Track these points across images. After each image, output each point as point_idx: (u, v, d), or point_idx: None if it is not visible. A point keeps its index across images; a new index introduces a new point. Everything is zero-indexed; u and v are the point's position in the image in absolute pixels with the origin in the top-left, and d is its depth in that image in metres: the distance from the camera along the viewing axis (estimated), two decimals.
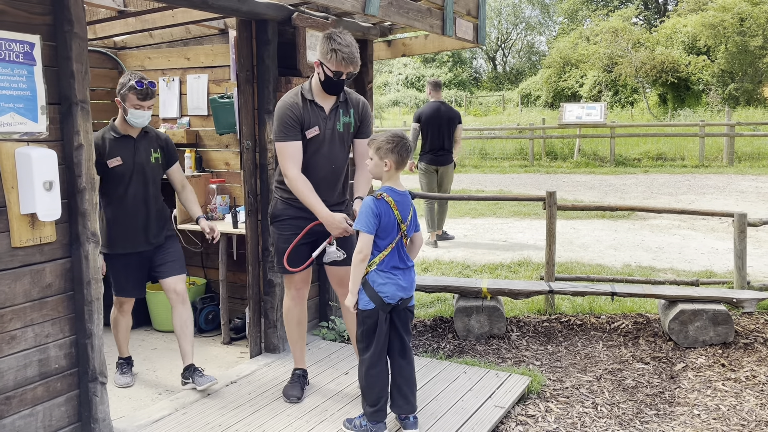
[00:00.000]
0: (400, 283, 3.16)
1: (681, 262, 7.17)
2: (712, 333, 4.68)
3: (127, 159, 3.77)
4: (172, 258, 3.95)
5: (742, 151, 16.84)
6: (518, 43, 47.83)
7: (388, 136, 3.10)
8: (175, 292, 3.90)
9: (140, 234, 3.85)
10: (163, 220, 3.99)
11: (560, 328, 5.11)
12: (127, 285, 3.94)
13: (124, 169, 3.77)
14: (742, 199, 11.16)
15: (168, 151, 3.98)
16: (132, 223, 3.83)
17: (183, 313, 3.91)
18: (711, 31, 25.05)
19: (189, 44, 5.28)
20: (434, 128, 8.15)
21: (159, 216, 3.94)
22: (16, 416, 2.83)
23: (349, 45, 3.27)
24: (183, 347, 3.91)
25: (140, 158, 3.81)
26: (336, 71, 3.29)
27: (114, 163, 3.74)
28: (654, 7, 38.00)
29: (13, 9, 2.74)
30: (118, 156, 3.75)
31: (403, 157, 3.11)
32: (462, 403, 3.60)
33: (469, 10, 4.91)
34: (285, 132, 3.36)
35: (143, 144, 3.85)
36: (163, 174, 4.01)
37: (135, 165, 3.79)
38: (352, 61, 3.28)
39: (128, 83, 3.67)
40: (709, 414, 3.71)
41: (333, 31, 3.31)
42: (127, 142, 3.81)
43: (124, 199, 3.81)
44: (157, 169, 3.93)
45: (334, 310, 4.82)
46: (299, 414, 3.47)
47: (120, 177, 3.77)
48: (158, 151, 3.92)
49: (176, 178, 4.07)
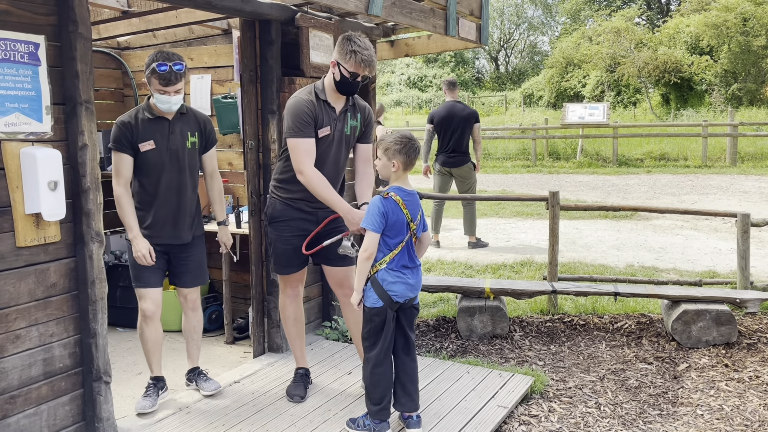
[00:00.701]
0: (409, 282, 3.17)
1: (684, 262, 7.16)
2: (715, 333, 4.67)
3: (161, 143, 3.44)
4: (194, 268, 3.69)
5: (745, 151, 16.80)
6: (521, 43, 47.82)
7: (396, 137, 3.12)
8: (185, 299, 3.76)
9: (168, 227, 3.55)
10: (195, 215, 3.68)
11: (563, 328, 5.11)
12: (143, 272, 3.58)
13: (156, 154, 3.44)
14: (745, 199, 11.14)
15: (206, 135, 3.65)
16: (161, 213, 3.51)
17: (192, 318, 3.79)
18: (714, 31, 25.02)
19: (192, 44, 5.29)
20: (447, 129, 7.86)
21: (191, 210, 3.64)
22: (21, 415, 2.84)
23: (368, 48, 3.30)
24: (189, 350, 3.84)
25: (175, 143, 3.48)
26: (353, 72, 3.30)
27: (146, 147, 3.42)
28: (657, 7, 37.95)
29: (17, 9, 2.75)
30: (150, 139, 3.42)
31: (410, 157, 3.12)
32: (465, 403, 3.61)
33: (471, 11, 4.91)
34: (301, 128, 3.34)
35: (179, 126, 3.51)
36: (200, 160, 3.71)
37: (170, 151, 3.47)
38: (369, 64, 3.31)
39: (151, 65, 3.35)
40: (713, 414, 3.71)
41: (352, 34, 3.33)
42: (162, 125, 3.47)
43: (156, 187, 3.50)
44: (194, 155, 3.60)
45: (337, 310, 4.83)
46: (302, 414, 3.47)
47: (152, 163, 3.45)
48: (196, 135, 3.58)
49: (207, 165, 3.75)
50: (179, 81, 3.38)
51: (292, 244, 3.55)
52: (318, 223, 3.53)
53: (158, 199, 3.50)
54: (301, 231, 3.54)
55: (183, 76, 3.40)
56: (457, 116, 7.84)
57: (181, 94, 3.44)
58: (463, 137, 7.87)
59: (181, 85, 3.40)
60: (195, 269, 3.70)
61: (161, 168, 3.47)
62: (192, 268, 3.69)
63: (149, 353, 3.66)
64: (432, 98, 38.11)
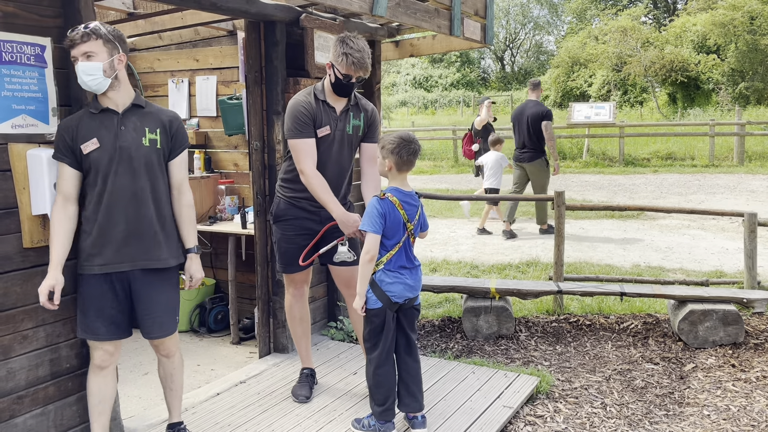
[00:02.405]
0: (407, 282, 3.18)
1: (691, 262, 7.13)
2: (722, 333, 4.65)
3: (107, 140, 2.74)
4: (161, 311, 2.91)
5: (753, 150, 16.71)
6: (526, 42, 47.71)
7: (393, 137, 3.13)
8: (157, 348, 3.06)
9: (122, 246, 2.78)
10: (166, 234, 2.89)
11: (569, 329, 5.10)
12: (96, 322, 2.80)
13: (101, 153, 2.73)
14: (752, 198, 11.08)
15: (173, 135, 2.91)
16: (112, 229, 2.76)
17: (167, 364, 3.11)
18: (721, 29, 24.88)
19: (198, 46, 5.31)
20: (516, 126, 8.56)
21: (164, 226, 2.88)
22: (28, 415, 2.86)
23: (360, 50, 3.30)
24: (169, 401, 3.20)
25: (126, 139, 2.76)
26: (345, 74, 3.32)
27: (89, 146, 2.71)
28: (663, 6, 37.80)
29: (24, 12, 2.77)
30: (93, 137, 2.73)
31: (403, 159, 3.12)
32: (470, 404, 3.61)
33: (476, 10, 4.91)
34: (300, 129, 3.37)
35: (132, 121, 2.80)
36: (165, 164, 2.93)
37: (119, 149, 2.75)
38: (361, 66, 3.31)
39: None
40: (719, 414, 3.69)
41: (347, 35, 3.34)
42: (109, 119, 2.77)
43: (102, 197, 2.76)
44: (154, 156, 2.83)
45: (343, 311, 4.83)
46: (308, 414, 3.48)
47: (97, 166, 2.73)
48: (156, 132, 2.85)
49: (174, 176, 2.94)
50: (86, 40, 2.64)
51: (296, 242, 3.56)
52: (321, 222, 3.54)
53: (108, 212, 2.76)
54: (304, 230, 3.56)
55: (95, 37, 2.66)
56: (525, 114, 8.45)
57: (95, 63, 2.67)
58: (531, 134, 8.40)
59: (91, 47, 2.65)
60: (166, 311, 2.93)
61: (108, 172, 2.74)
62: (162, 309, 2.91)
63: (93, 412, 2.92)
64: (438, 98, 38.09)
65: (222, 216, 5.12)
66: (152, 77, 5.56)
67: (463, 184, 14.30)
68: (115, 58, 2.72)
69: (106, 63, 2.70)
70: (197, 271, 3.01)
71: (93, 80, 2.68)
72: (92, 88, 2.71)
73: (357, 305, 3.18)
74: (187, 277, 3.03)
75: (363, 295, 3.16)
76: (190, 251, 3.00)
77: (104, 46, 2.69)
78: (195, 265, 3.01)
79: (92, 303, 2.81)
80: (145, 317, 2.89)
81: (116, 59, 2.73)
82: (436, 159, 19.03)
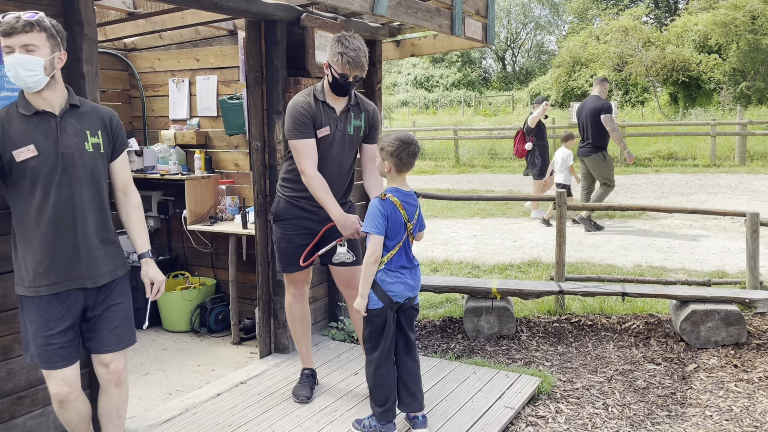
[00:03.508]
0: (408, 282, 3.17)
1: (692, 262, 7.11)
2: (725, 333, 4.64)
3: (45, 147, 2.45)
4: (118, 320, 2.65)
5: (755, 150, 16.69)
6: (528, 42, 47.69)
7: (393, 139, 3.11)
8: (107, 370, 2.66)
9: (73, 262, 2.52)
10: (110, 243, 2.65)
11: (570, 329, 5.09)
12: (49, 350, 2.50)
13: (40, 162, 2.44)
14: (754, 198, 11.06)
15: (113, 134, 2.66)
16: (59, 246, 2.49)
17: (115, 396, 2.73)
18: (722, 29, 24.85)
19: (198, 45, 5.30)
20: (579, 121, 8.81)
21: (104, 236, 2.62)
22: (28, 416, 2.85)
23: (356, 49, 3.29)
24: None
25: (68, 146, 2.49)
26: (342, 74, 3.31)
27: (24, 154, 2.42)
28: (664, 6, 37.76)
29: None
30: (30, 143, 2.43)
31: (402, 161, 3.11)
32: (472, 404, 3.59)
33: (477, 10, 4.90)
34: (299, 129, 3.37)
35: (72, 123, 2.52)
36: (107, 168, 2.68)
37: (61, 157, 2.47)
38: (357, 66, 3.30)
39: None
40: (722, 415, 3.68)
41: (343, 34, 3.33)
42: (45, 122, 2.47)
43: (44, 210, 2.46)
44: (98, 162, 2.59)
45: (343, 311, 4.82)
46: (309, 414, 3.47)
47: (35, 175, 2.44)
48: (99, 134, 2.59)
49: (118, 177, 2.71)
50: (28, 31, 2.35)
51: (295, 242, 3.56)
52: (320, 222, 3.54)
53: (54, 226, 2.48)
54: (303, 229, 3.55)
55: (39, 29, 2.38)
56: (585, 109, 8.67)
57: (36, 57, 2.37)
58: (590, 129, 8.59)
59: (33, 39, 2.36)
60: (121, 324, 2.66)
61: (50, 182, 2.46)
62: (116, 322, 2.65)
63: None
64: (439, 98, 38.07)
65: (223, 216, 5.11)
66: (153, 77, 5.55)
67: (464, 184, 14.29)
68: (56, 55, 2.44)
69: (48, 59, 2.40)
70: (157, 274, 2.73)
71: (31, 76, 2.37)
72: (27, 85, 2.39)
73: (359, 306, 3.17)
74: (147, 284, 2.72)
75: (366, 297, 3.15)
76: (144, 256, 2.73)
77: (47, 41, 2.40)
78: (153, 270, 2.72)
79: (42, 328, 2.50)
80: (99, 330, 2.61)
81: (57, 57, 2.45)
82: (437, 159, 19.03)
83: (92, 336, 2.62)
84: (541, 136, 9.79)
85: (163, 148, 5.30)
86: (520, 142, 9.92)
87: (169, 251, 5.65)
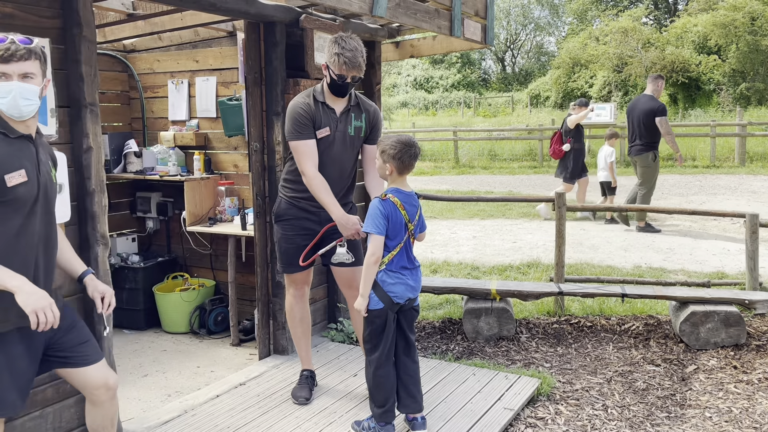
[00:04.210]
0: (408, 283, 3.17)
1: (692, 263, 7.11)
2: (724, 335, 4.63)
3: (32, 174, 2.28)
4: (85, 337, 2.51)
5: (754, 151, 16.69)
6: (527, 43, 47.71)
7: (394, 141, 3.10)
8: (106, 387, 2.53)
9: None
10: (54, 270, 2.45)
11: (570, 330, 5.09)
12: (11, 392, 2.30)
13: (28, 189, 2.26)
14: (754, 199, 11.06)
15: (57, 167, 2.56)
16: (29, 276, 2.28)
17: (109, 407, 2.58)
18: (722, 30, 24.87)
19: (198, 47, 5.30)
20: (628, 119, 8.70)
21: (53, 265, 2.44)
22: (26, 418, 2.85)
23: (353, 50, 3.29)
24: None
25: (44, 174, 2.34)
26: (339, 75, 3.32)
27: (15, 179, 2.22)
28: (664, 7, 37.78)
29: (22, 13, 2.76)
30: (20, 168, 2.24)
31: (404, 163, 3.10)
32: (471, 405, 3.59)
33: (477, 11, 4.90)
34: (299, 130, 3.38)
35: (41, 152, 2.38)
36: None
37: (41, 186, 2.32)
38: (354, 66, 3.30)
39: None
40: (721, 416, 3.67)
41: (340, 35, 3.34)
42: (27, 147, 2.30)
43: (20, 238, 2.27)
44: (55, 193, 2.47)
45: (343, 312, 4.82)
46: (308, 416, 3.46)
47: (19, 203, 2.25)
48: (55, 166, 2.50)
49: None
50: (27, 58, 2.21)
51: (295, 242, 3.56)
52: (321, 223, 3.54)
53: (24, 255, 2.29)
54: (303, 230, 3.55)
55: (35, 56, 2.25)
56: (637, 109, 8.55)
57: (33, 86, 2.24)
58: (642, 129, 8.47)
59: (32, 67, 2.23)
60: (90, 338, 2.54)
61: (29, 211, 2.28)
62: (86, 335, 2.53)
63: None
64: (438, 99, 38.08)
65: (222, 217, 5.11)
66: (152, 78, 5.55)
67: (463, 185, 14.28)
68: (45, 81, 2.32)
69: (41, 88, 2.29)
70: (107, 287, 2.57)
71: (28, 105, 2.22)
72: (23, 114, 2.22)
73: (360, 306, 3.16)
74: (97, 299, 2.52)
75: (366, 297, 3.15)
76: (87, 273, 2.57)
77: (41, 68, 2.29)
78: (101, 284, 2.56)
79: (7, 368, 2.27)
80: (78, 345, 2.46)
81: (45, 84, 2.32)
82: (437, 160, 19.03)
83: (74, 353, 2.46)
84: (579, 138, 9.76)
85: (162, 149, 5.30)
86: (557, 143, 9.86)
87: (169, 252, 5.65)
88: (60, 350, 2.45)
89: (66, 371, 2.49)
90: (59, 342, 2.44)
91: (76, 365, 2.47)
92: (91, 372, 2.49)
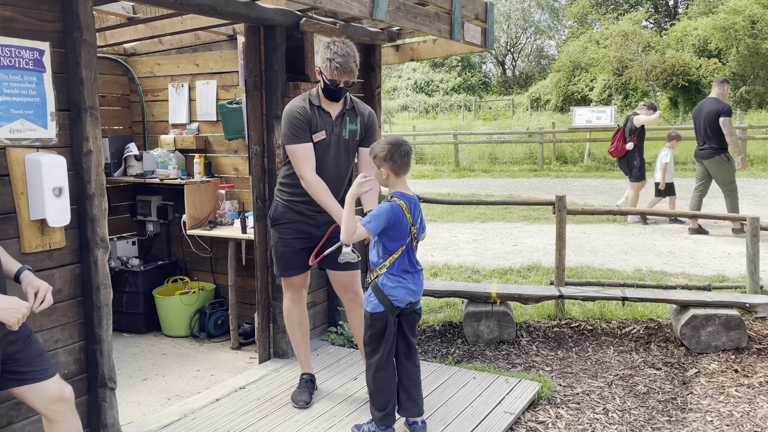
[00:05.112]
0: (409, 287, 3.16)
1: (693, 266, 7.10)
2: (725, 338, 4.62)
3: None
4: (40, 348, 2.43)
5: (755, 154, 16.68)
6: (527, 47, 47.74)
7: (382, 144, 3.09)
8: (62, 400, 2.42)
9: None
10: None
11: (570, 334, 5.08)
12: None
13: None
14: (754, 202, 11.05)
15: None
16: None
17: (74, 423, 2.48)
18: (722, 33, 24.89)
19: (198, 50, 5.31)
20: (694, 123, 8.72)
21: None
22: (26, 422, 2.84)
23: (344, 55, 3.30)
24: None
25: None
26: (331, 80, 3.33)
27: None
28: (664, 10, 37.83)
29: (22, 16, 2.76)
30: None
31: (398, 163, 3.08)
32: (471, 409, 3.58)
33: (477, 15, 4.90)
34: (296, 134, 3.39)
35: None
36: None
37: None
38: (346, 71, 3.31)
39: None
40: (722, 420, 3.66)
41: (333, 40, 3.35)
42: None
43: None
44: None
45: (343, 316, 4.81)
46: (308, 419, 3.46)
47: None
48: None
49: None
50: None
51: (292, 246, 3.56)
52: (318, 226, 3.54)
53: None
54: (300, 234, 3.55)
55: None
56: (703, 111, 8.55)
57: None
58: (708, 131, 8.46)
59: None
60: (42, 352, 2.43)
61: None
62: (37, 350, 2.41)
63: None
64: (439, 103, 38.10)
65: (222, 221, 5.10)
66: (152, 82, 5.56)
67: (464, 189, 14.28)
68: None
69: None
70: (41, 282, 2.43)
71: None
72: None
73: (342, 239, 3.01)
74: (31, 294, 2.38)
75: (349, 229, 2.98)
76: (22, 270, 2.45)
77: None
78: (36, 280, 2.43)
79: None
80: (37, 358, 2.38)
81: None
82: (438, 163, 19.03)
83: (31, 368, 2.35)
84: (641, 138, 9.82)
85: (162, 152, 5.30)
86: (620, 141, 9.83)
87: (169, 256, 5.64)
88: (18, 365, 2.33)
89: (21, 390, 2.35)
90: (18, 355, 2.32)
91: (32, 380, 2.34)
92: (49, 386, 2.37)
